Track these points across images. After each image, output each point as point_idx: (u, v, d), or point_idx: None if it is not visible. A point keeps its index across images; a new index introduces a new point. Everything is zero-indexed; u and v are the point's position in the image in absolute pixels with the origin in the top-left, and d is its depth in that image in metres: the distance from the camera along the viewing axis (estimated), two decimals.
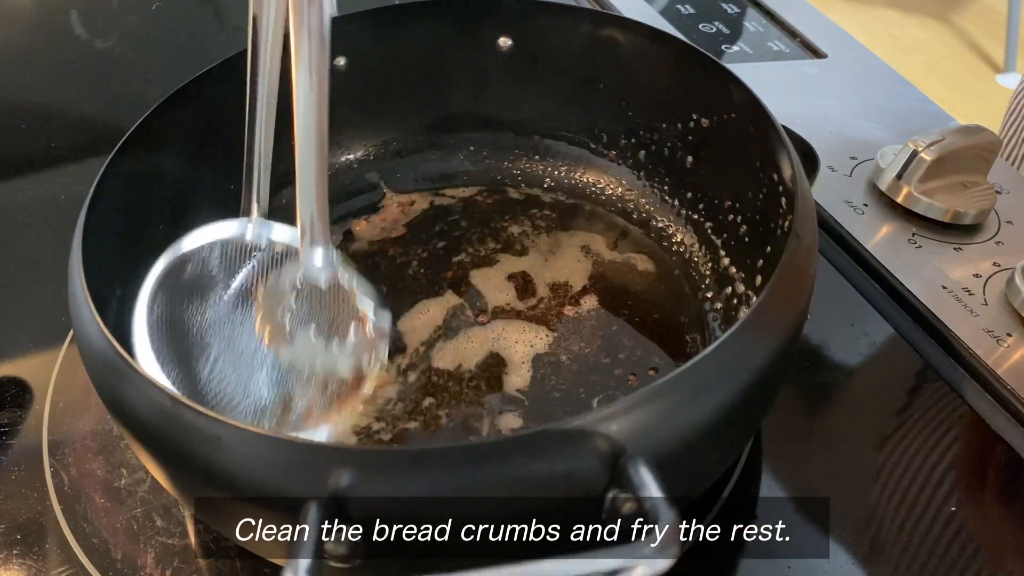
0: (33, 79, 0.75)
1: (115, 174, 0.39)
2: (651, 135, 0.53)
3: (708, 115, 0.48)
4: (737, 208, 0.47)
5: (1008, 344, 0.46)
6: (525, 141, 0.57)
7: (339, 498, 0.25)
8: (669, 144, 0.51)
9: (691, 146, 0.50)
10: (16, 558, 0.38)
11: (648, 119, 0.52)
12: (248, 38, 0.40)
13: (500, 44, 0.54)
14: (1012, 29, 2.00)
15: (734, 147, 0.46)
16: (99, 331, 0.31)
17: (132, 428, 0.30)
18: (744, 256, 0.46)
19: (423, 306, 0.48)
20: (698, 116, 0.49)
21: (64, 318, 0.50)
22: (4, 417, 0.45)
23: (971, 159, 0.54)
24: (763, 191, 0.43)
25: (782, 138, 0.40)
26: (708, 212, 0.50)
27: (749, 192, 0.45)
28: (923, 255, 0.52)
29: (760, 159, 0.43)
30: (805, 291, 0.34)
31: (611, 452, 0.26)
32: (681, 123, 0.50)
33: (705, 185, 0.50)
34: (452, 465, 0.26)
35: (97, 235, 0.36)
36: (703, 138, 0.49)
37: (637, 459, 0.26)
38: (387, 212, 0.55)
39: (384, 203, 0.56)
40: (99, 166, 0.39)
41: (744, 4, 0.80)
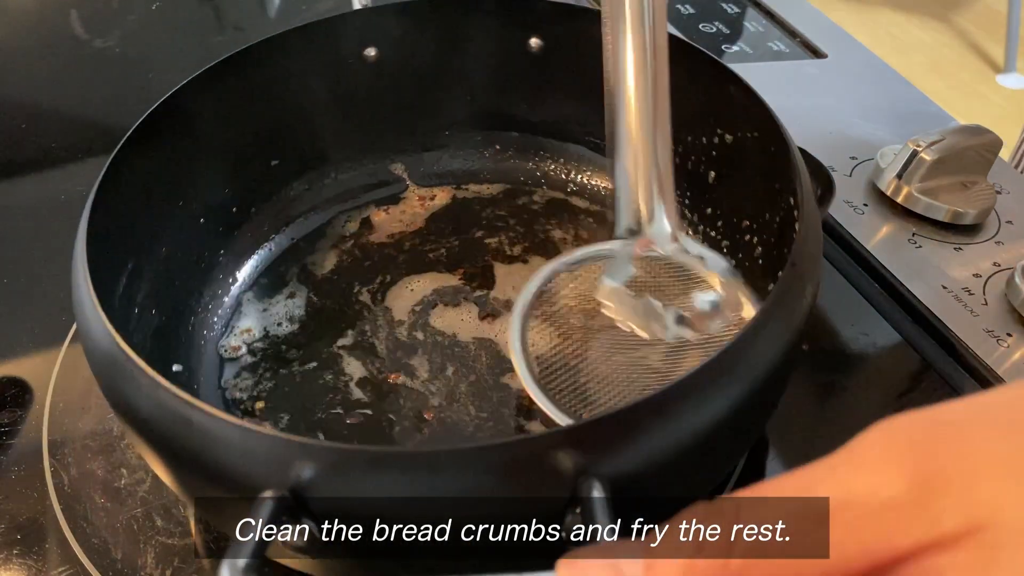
0: (33, 79, 0.75)
1: (118, 173, 0.39)
2: (676, 147, 0.51)
3: (732, 132, 0.47)
4: (754, 229, 0.46)
5: (1008, 344, 0.46)
6: (551, 143, 0.57)
7: (298, 492, 0.25)
8: (693, 157, 0.50)
9: (715, 161, 0.49)
10: (16, 558, 0.38)
11: (675, 131, 0.52)
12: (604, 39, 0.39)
13: (532, 44, 0.54)
14: (1012, 29, 2.00)
15: (754, 167, 0.45)
16: (105, 330, 0.31)
17: (137, 426, 0.30)
18: (756, 279, 0.45)
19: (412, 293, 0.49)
20: (723, 132, 0.48)
21: (64, 318, 0.50)
22: (4, 417, 0.45)
23: (971, 159, 0.54)
24: (780, 214, 0.43)
25: (794, 162, 0.38)
26: (726, 230, 0.49)
27: (767, 214, 0.44)
28: (923, 255, 0.52)
29: (779, 181, 0.42)
30: (794, 324, 0.32)
31: (572, 470, 0.26)
32: (706, 137, 0.49)
33: (725, 202, 0.49)
34: (411, 469, 0.26)
35: (100, 235, 0.36)
36: (727, 154, 0.48)
37: (593, 479, 0.25)
38: (408, 204, 0.55)
39: (405, 195, 0.56)
40: (99, 166, 0.39)
41: (744, 4, 0.80)
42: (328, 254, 0.52)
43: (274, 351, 0.46)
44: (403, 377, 0.44)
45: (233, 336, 0.46)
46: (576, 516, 0.25)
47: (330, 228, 0.53)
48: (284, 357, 0.46)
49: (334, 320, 0.48)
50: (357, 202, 0.55)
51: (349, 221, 0.54)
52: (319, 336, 0.47)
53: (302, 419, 0.43)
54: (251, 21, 0.83)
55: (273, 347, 0.46)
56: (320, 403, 0.43)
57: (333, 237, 0.53)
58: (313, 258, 0.51)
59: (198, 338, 0.46)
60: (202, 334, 0.46)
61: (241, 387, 0.44)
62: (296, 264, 0.51)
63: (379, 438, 0.42)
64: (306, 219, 0.53)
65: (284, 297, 0.49)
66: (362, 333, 0.47)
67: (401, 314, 0.48)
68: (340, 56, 0.51)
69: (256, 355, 0.46)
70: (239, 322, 0.47)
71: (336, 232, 0.53)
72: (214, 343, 0.46)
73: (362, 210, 0.55)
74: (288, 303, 0.48)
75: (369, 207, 0.55)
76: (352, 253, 0.52)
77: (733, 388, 0.29)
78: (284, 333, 0.47)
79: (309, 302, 0.49)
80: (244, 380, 0.44)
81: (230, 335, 0.47)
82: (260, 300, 0.49)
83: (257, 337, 0.46)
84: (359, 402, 0.43)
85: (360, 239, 0.53)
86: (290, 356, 0.46)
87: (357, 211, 0.55)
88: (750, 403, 0.30)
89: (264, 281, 0.50)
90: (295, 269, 0.51)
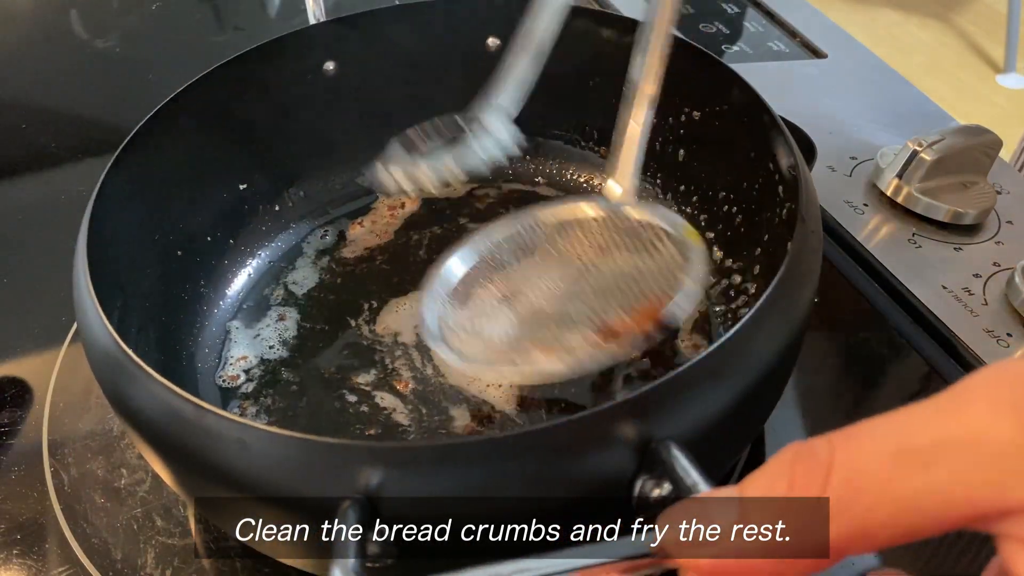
0: (33, 79, 0.75)
1: (119, 175, 0.39)
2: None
3: (699, 107, 0.48)
4: (732, 199, 0.47)
5: (1008, 344, 0.46)
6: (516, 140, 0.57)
7: (372, 497, 0.25)
8: (660, 139, 0.51)
9: (682, 139, 0.50)
10: (16, 558, 0.38)
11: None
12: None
13: (489, 45, 0.54)
14: (1012, 29, 2.00)
15: (727, 138, 0.46)
16: (106, 332, 0.31)
17: (140, 429, 0.30)
18: (740, 247, 0.46)
19: (402, 302, 0.49)
20: (689, 109, 0.49)
21: (64, 318, 0.50)
22: (4, 417, 0.45)
23: (971, 159, 0.54)
24: (758, 181, 0.44)
25: (779, 126, 0.40)
26: (702, 204, 0.50)
27: (744, 182, 0.45)
28: (923, 255, 0.52)
29: (755, 149, 0.43)
30: (814, 274, 0.35)
31: (639, 438, 0.26)
32: (672, 117, 0.50)
33: (698, 177, 0.50)
34: (479, 459, 0.26)
35: (101, 236, 0.36)
36: (694, 131, 0.49)
37: (668, 443, 0.26)
38: (377, 215, 0.55)
39: (375, 206, 0.56)
40: (99, 166, 0.39)
41: (744, 4, 0.80)
42: (308, 272, 0.51)
43: (272, 376, 0.45)
44: (412, 384, 0.44)
45: (229, 366, 0.45)
46: (649, 485, 0.26)
47: (306, 246, 0.53)
48: (285, 380, 0.45)
49: (327, 338, 0.47)
50: (328, 217, 0.54)
51: (324, 237, 0.53)
52: (315, 355, 0.46)
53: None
54: (251, 21, 0.83)
55: (270, 372, 0.45)
56: (333, 421, 0.42)
57: (310, 255, 0.52)
58: (294, 277, 0.51)
59: (193, 372, 0.45)
60: (196, 367, 0.45)
61: (249, 414, 0.43)
62: (278, 285, 0.50)
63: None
64: (280, 239, 0.53)
65: (273, 320, 0.48)
66: (358, 347, 0.46)
67: (393, 324, 0.47)
68: (299, 72, 0.51)
69: (255, 381, 0.45)
70: (232, 351, 0.46)
71: (313, 249, 0.52)
72: (211, 375, 0.45)
73: (335, 225, 0.54)
74: (278, 326, 0.47)
75: (341, 221, 0.54)
76: (331, 269, 0.51)
77: (776, 334, 0.31)
78: (280, 357, 0.46)
79: (299, 323, 0.48)
80: (249, 408, 0.43)
81: (225, 365, 0.45)
82: (249, 326, 0.48)
83: (253, 364, 0.45)
84: (374, 414, 0.43)
85: (337, 254, 0.52)
86: (290, 379, 0.45)
87: (330, 226, 0.54)
88: (787, 349, 0.32)
89: (249, 305, 0.49)
90: (279, 291, 0.50)
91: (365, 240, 0.53)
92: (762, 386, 0.31)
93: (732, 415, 0.29)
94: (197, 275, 0.48)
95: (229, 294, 0.49)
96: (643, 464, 0.26)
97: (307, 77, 0.51)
